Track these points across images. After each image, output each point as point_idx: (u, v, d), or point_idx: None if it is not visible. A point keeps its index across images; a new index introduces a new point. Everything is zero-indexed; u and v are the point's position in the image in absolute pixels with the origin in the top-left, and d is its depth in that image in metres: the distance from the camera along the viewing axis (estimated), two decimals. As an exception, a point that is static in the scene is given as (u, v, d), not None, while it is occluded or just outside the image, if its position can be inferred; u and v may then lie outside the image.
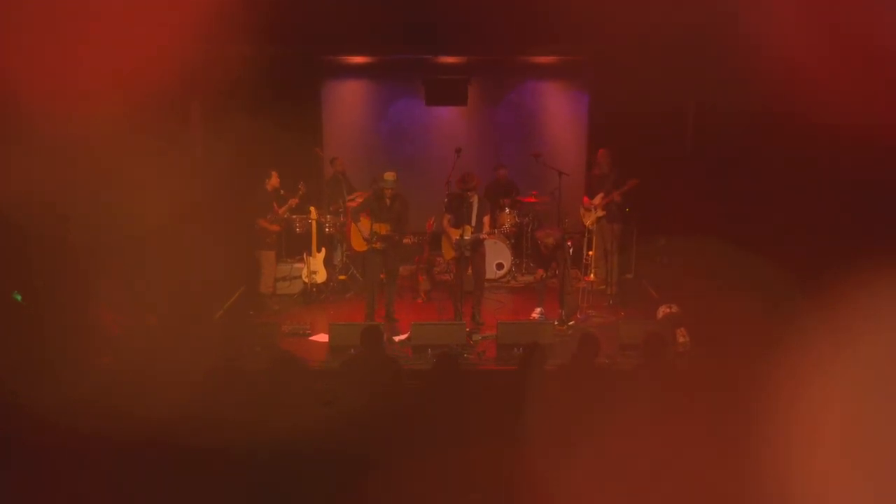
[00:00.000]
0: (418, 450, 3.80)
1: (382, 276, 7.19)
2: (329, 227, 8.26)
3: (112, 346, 5.75)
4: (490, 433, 3.99)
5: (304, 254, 8.05)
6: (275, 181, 7.63)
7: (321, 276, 8.04)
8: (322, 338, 6.70)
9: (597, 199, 7.88)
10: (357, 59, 9.30)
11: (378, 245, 6.90)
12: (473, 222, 6.89)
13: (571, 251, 7.16)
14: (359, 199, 7.93)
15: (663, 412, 3.96)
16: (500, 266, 8.67)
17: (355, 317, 7.20)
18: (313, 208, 8.05)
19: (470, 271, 7.09)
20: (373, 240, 6.85)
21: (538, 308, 7.29)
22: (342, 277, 8.42)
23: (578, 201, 8.23)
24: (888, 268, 4.08)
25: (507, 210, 8.65)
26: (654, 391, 4.33)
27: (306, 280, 8.02)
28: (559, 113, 9.69)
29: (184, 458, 3.53)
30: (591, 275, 7.85)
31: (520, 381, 4.56)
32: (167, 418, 3.70)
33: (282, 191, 7.74)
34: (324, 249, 8.10)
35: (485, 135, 9.65)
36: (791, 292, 5.42)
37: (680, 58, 7.30)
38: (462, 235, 6.84)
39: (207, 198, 7.10)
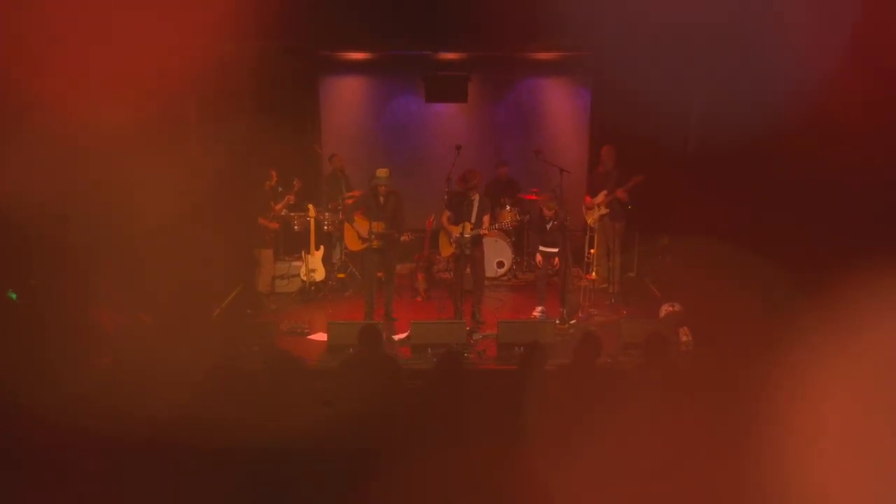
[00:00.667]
0: (418, 450, 3.80)
1: (380, 274, 7.20)
2: (327, 225, 8.27)
3: (109, 346, 5.76)
4: (491, 433, 4.00)
5: (303, 252, 8.06)
6: (274, 181, 7.64)
7: (320, 275, 8.05)
8: (321, 337, 6.71)
9: (599, 197, 7.89)
10: (356, 55, 9.29)
11: (376, 243, 6.90)
12: (473, 220, 6.90)
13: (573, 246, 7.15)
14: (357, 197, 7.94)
15: (665, 412, 3.96)
16: (500, 264, 8.68)
17: (354, 315, 7.21)
18: (311, 206, 8.06)
19: (469, 270, 7.11)
20: (371, 238, 6.84)
21: (539, 307, 7.31)
22: (341, 276, 8.43)
23: (580, 199, 8.24)
24: (890, 267, 4.10)
25: (508, 208, 8.66)
26: (656, 391, 4.34)
27: (305, 278, 8.03)
28: (560, 110, 9.70)
29: (182, 457, 3.54)
30: (593, 273, 7.86)
31: (520, 380, 4.57)
32: (166, 418, 3.71)
33: (279, 188, 7.75)
34: (322, 247, 8.11)
35: (485, 132, 9.66)
36: (793, 292, 5.43)
37: (683, 54, 7.31)
38: (462, 232, 6.85)
39: (205, 196, 7.10)
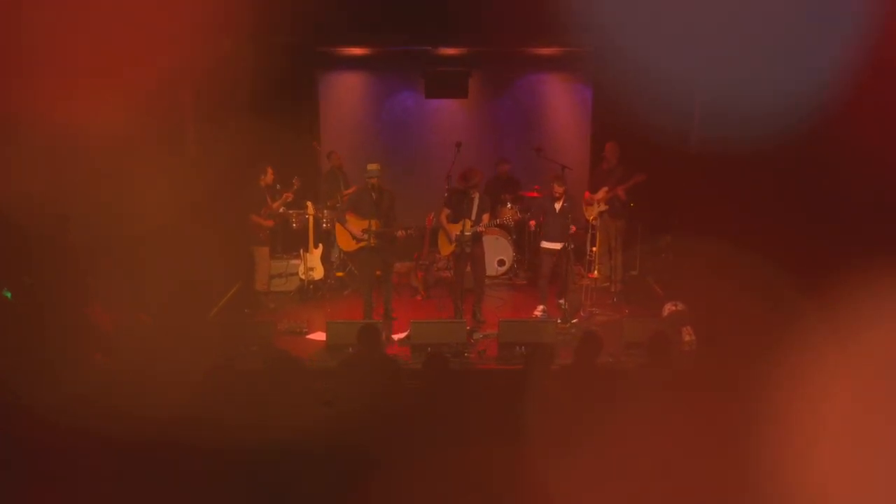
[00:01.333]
0: (418, 450, 3.81)
1: (378, 273, 7.17)
2: (326, 223, 8.26)
3: (104, 344, 5.77)
4: (491, 433, 4.01)
5: (301, 250, 8.06)
6: (269, 177, 7.62)
7: (318, 273, 8.05)
8: (319, 336, 6.70)
9: (600, 194, 7.87)
10: (355, 51, 9.29)
11: (373, 241, 6.82)
12: (474, 218, 6.89)
13: (573, 247, 7.14)
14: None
15: (666, 412, 3.97)
16: (501, 263, 8.68)
17: (353, 314, 7.19)
18: (310, 203, 8.05)
19: (469, 268, 7.10)
20: (369, 237, 6.79)
21: (541, 305, 7.30)
22: (340, 274, 8.43)
23: (581, 196, 8.24)
24: (891, 267, 4.10)
25: (509, 205, 8.66)
26: (658, 391, 4.34)
27: (303, 277, 8.03)
28: (562, 106, 9.70)
29: (182, 457, 3.55)
30: (595, 271, 7.86)
31: (522, 380, 4.57)
32: (166, 418, 3.71)
33: (277, 185, 7.74)
34: (321, 246, 8.11)
35: (486, 128, 9.65)
36: (795, 291, 5.43)
37: (686, 50, 7.29)
38: (462, 230, 6.84)
39: (204, 195, 7.11)
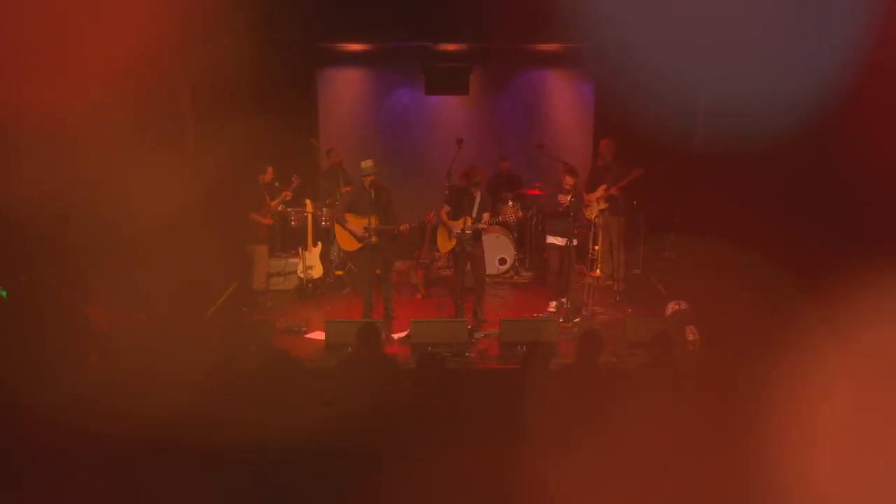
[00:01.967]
0: (419, 450, 3.81)
1: (378, 271, 7.16)
2: (325, 221, 8.25)
3: (100, 344, 5.77)
4: (491, 433, 4.01)
5: (300, 248, 8.05)
6: (268, 176, 7.61)
7: (317, 272, 8.04)
8: (318, 335, 6.70)
9: (598, 192, 7.84)
10: (354, 47, 9.26)
11: (374, 239, 6.81)
12: (475, 215, 6.88)
13: (576, 243, 7.13)
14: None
15: (667, 412, 3.97)
16: (502, 261, 8.67)
17: (352, 313, 7.18)
18: (309, 201, 8.04)
19: (470, 267, 7.08)
20: (370, 235, 6.78)
21: (553, 301, 7.28)
22: (339, 273, 8.42)
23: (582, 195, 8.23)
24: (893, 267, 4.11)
25: (510, 203, 8.65)
26: (660, 391, 4.33)
27: (302, 275, 8.03)
28: (564, 102, 9.68)
29: (182, 457, 3.56)
30: (597, 270, 7.84)
31: (521, 379, 4.57)
32: (165, 418, 3.72)
33: (276, 183, 7.74)
34: (320, 244, 8.10)
35: (487, 125, 9.63)
36: (797, 291, 5.43)
37: (690, 45, 7.27)
38: (463, 228, 6.83)
39: (202, 192, 7.11)
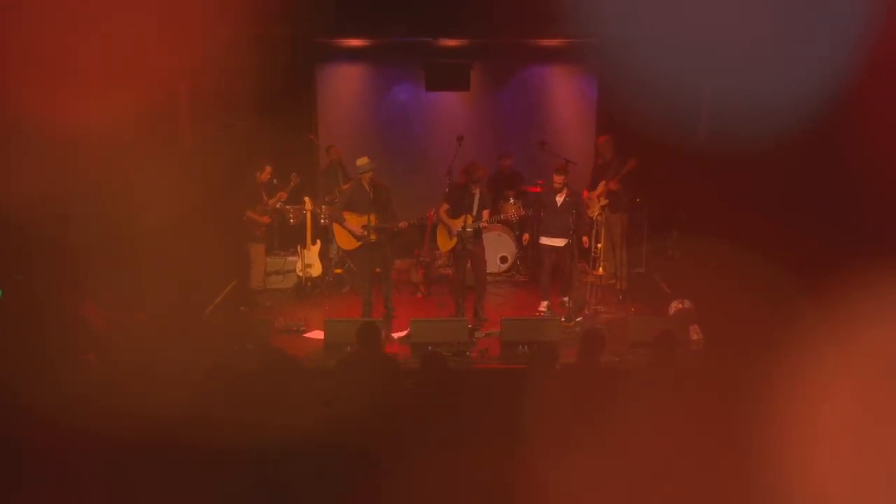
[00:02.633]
0: (419, 450, 3.81)
1: (378, 269, 7.14)
2: (324, 219, 8.23)
3: (97, 343, 5.77)
4: (492, 433, 4.01)
5: (299, 246, 8.04)
6: (266, 174, 7.59)
7: (316, 270, 8.03)
8: (317, 335, 6.69)
9: (599, 188, 7.82)
10: (353, 42, 9.24)
11: (373, 237, 6.78)
12: (475, 213, 6.87)
13: (586, 243, 7.12)
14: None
15: (669, 412, 3.97)
16: (503, 259, 8.65)
17: (352, 312, 7.16)
18: (308, 199, 8.02)
19: (470, 265, 7.07)
20: (369, 233, 6.76)
21: (545, 301, 7.28)
22: (338, 271, 8.41)
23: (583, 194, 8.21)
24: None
25: (512, 200, 8.63)
26: (662, 391, 4.33)
27: (300, 274, 8.01)
28: (566, 99, 9.65)
29: (182, 457, 3.57)
30: (600, 269, 7.83)
31: (524, 380, 4.56)
32: (165, 418, 3.73)
33: (275, 181, 7.72)
34: (319, 242, 8.09)
35: (488, 122, 9.61)
36: (799, 291, 5.42)
37: (694, 40, 7.24)
38: (464, 226, 6.81)
39: (200, 191, 7.10)
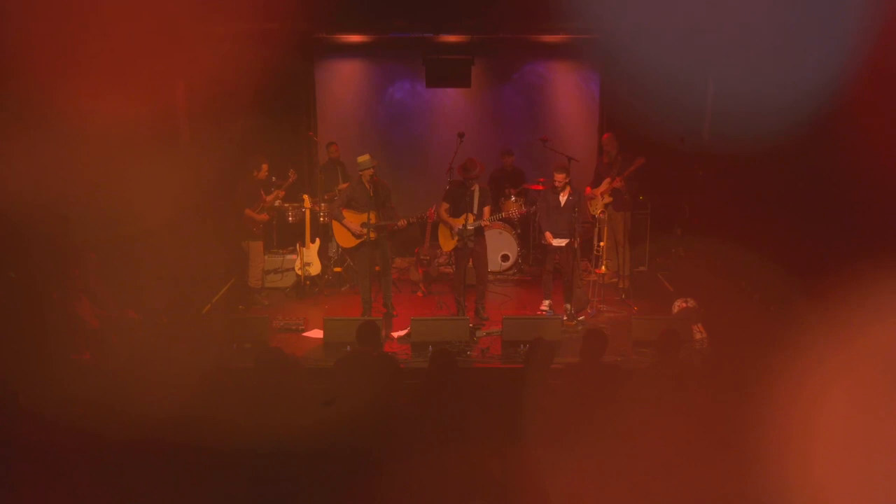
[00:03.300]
0: (419, 449, 3.81)
1: (377, 268, 7.12)
2: (323, 217, 8.22)
3: (92, 342, 5.77)
4: (492, 432, 4.00)
5: (298, 245, 8.02)
6: (263, 173, 7.57)
7: (315, 268, 8.01)
8: (316, 334, 6.68)
9: (602, 186, 7.79)
10: (353, 38, 9.22)
11: (373, 235, 6.75)
12: (475, 211, 6.85)
13: (579, 241, 7.08)
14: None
15: (671, 412, 3.97)
16: (505, 258, 8.63)
17: (351, 311, 7.16)
18: (307, 197, 8.01)
19: (472, 264, 7.05)
20: (368, 231, 6.73)
21: (546, 300, 7.26)
22: (337, 269, 8.39)
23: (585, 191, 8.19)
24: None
25: (514, 198, 8.61)
26: (664, 390, 4.32)
27: (299, 272, 7.99)
28: (568, 95, 9.62)
29: (182, 457, 3.57)
30: (603, 267, 7.80)
31: (522, 378, 4.55)
32: (164, 418, 3.73)
33: (273, 178, 7.70)
34: (318, 240, 8.07)
35: (489, 118, 9.59)
36: (799, 291, 5.42)
37: (698, 37, 7.23)
38: (465, 224, 6.79)
39: (198, 188, 7.10)
